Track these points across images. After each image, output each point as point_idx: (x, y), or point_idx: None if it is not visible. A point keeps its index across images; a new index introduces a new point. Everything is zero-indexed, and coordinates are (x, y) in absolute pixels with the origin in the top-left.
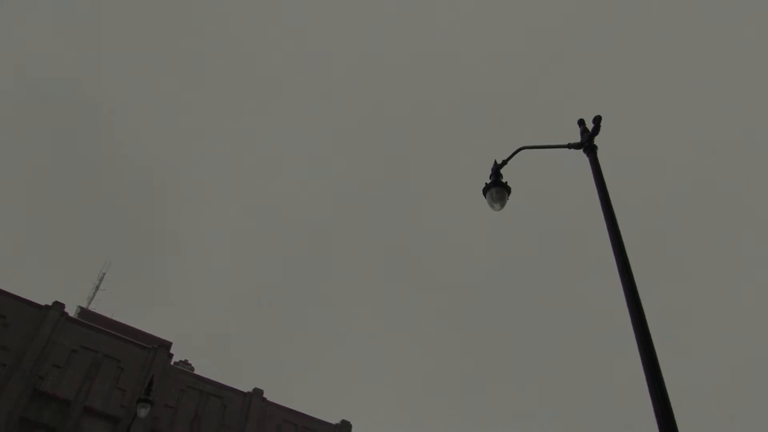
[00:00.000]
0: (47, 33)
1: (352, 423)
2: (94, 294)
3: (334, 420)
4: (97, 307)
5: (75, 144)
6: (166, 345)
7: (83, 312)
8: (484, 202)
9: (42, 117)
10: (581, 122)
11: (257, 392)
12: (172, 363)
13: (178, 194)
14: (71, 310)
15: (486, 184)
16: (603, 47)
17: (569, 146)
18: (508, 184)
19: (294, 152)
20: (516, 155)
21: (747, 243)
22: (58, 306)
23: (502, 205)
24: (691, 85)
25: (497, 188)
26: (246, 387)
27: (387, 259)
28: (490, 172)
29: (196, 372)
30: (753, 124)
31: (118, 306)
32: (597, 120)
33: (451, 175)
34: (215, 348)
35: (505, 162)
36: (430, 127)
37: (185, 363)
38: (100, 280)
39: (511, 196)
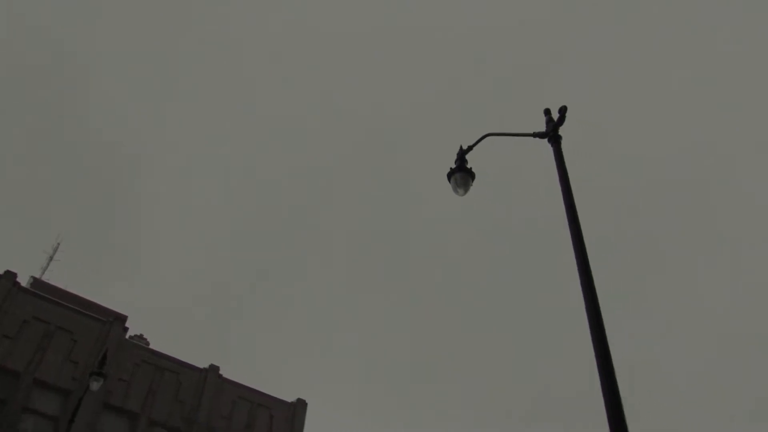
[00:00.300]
0: (47, 32)
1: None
2: (48, 264)
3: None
4: (51, 278)
5: (73, 140)
6: (121, 318)
7: (36, 282)
8: (484, 201)
9: (40, 114)
10: (547, 111)
11: (213, 369)
12: (127, 337)
13: (177, 192)
14: (24, 280)
15: (451, 168)
16: (603, 47)
17: (534, 135)
18: (474, 169)
19: (293, 151)
20: (483, 142)
21: (747, 243)
22: (10, 275)
23: (466, 191)
24: (691, 85)
25: (461, 173)
26: (204, 365)
27: (386, 259)
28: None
29: (151, 347)
30: (753, 124)
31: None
32: (562, 110)
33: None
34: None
35: (470, 147)
36: (430, 126)
37: (141, 337)
38: (54, 250)
39: (511, 195)
